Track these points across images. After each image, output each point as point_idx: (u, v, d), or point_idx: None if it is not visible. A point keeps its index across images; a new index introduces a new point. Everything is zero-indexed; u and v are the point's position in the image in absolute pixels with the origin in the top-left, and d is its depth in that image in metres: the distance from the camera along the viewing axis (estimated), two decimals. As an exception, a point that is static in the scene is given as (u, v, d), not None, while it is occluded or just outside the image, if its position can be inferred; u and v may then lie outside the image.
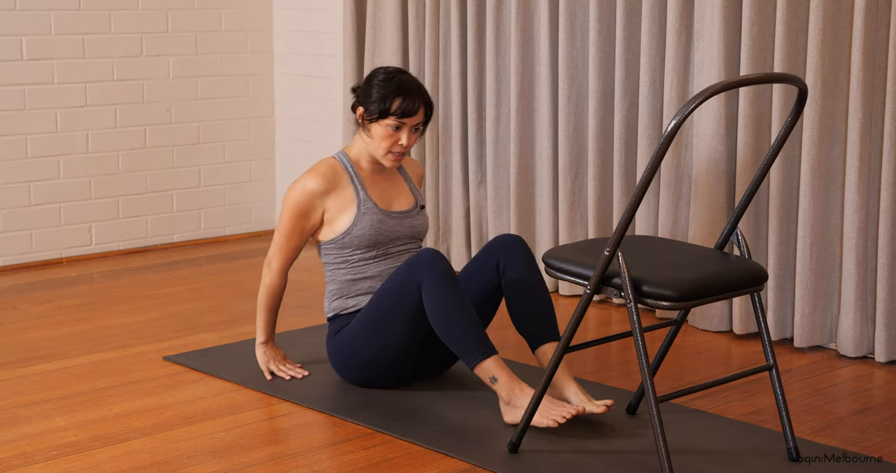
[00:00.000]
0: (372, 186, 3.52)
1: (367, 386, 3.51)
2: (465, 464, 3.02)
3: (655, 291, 2.80)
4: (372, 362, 3.44)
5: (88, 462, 3.03)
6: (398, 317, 3.35)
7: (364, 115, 3.45)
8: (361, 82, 3.53)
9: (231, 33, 5.59)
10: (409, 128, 3.42)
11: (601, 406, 3.18)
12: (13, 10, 4.95)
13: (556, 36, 4.50)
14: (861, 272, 3.80)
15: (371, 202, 3.48)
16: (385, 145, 3.43)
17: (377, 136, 3.44)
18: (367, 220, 3.46)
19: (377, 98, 3.40)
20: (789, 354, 3.94)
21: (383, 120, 3.41)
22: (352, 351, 3.46)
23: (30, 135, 5.06)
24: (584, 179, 4.53)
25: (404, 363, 3.46)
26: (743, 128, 3.98)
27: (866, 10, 3.64)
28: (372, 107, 3.41)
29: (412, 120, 3.42)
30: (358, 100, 3.48)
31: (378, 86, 3.42)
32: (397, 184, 3.59)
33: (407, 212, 3.56)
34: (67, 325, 4.26)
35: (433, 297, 3.25)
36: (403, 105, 3.39)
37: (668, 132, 2.65)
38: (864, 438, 3.21)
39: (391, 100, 3.39)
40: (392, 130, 3.41)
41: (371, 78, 3.47)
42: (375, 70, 3.49)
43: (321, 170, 3.48)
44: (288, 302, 4.64)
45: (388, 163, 3.47)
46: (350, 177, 3.49)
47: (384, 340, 3.39)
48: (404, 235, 3.54)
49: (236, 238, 5.74)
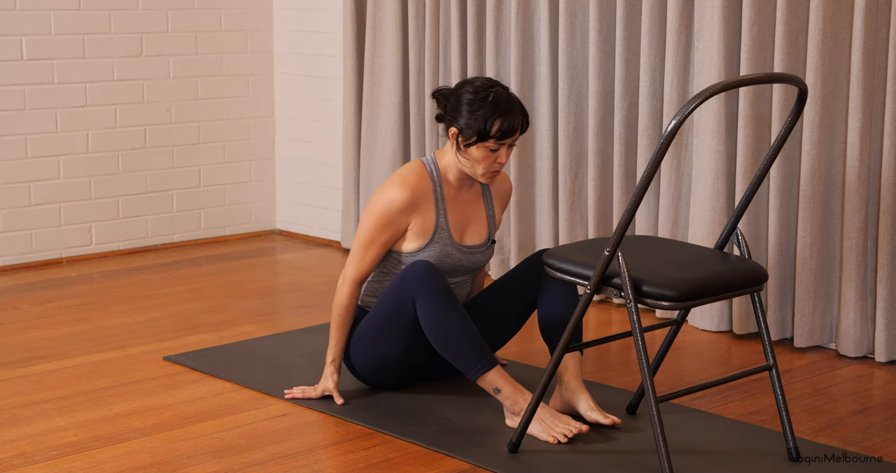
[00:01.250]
0: (452, 208, 3.37)
1: (375, 387, 3.50)
2: (465, 464, 3.02)
3: (655, 291, 2.80)
4: (376, 366, 3.42)
5: (88, 462, 3.03)
6: (395, 331, 3.31)
7: (459, 138, 3.25)
8: (444, 88, 3.32)
9: (231, 33, 5.59)
10: (507, 145, 3.26)
11: (609, 419, 3.18)
12: (13, 10, 4.95)
13: (556, 36, 4.50)
14: (861, 272, 3.80)
15: (447, 231, 3.35)
16: (483, 166, 3.27)
17: (474, 158, 3.26)
18: (437, 250, 3.34)
19: (474, 121, 3.20)
20: (789, 354, 3.94)
21: (482, 143, 3.23)
22: (357, 353, 3.44)
23: (30, 135, 5.06)
24: (584, 179, 4.53)
25: (408, 370, 3.44)
26: (743, 128, 3.98)
27: (866, 10, 3.64)
28: (469, 131, 3.21)
29: (512, 138, 3.25)
30: (448, 118, 3.28)
31: (473, 108, 3.21)
32: (477, 211, 3.44)
33: (477, 247, 3.42)
34: (67, 325, 4.26)
35: (428, 313, 3.19)
36: (504, 126, 3.19)
37: (668, 132, 2.65)
38: (864, 438, 3.21)
39: (491, 124, 3.19)
40: (490, 152, 3.25)
41: (460, 94, 3.24)
42: (462, 84, 3.27)
43: (411, 184, 3.30)
44: (288, 301, 4.65)
45: (485, 180, 3.32)
46: (435, 196, 3.34)
47: (383, 350, 3.37)
48: (465, 269, 3.43)
49: (236, 238, 5.74)
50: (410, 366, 3.43)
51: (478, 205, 3.46)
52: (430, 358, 3.44)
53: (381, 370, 3.42)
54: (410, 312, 3.25)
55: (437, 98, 3.34)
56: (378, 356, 3.39)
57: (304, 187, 5.73)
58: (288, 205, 5.83)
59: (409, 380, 3.50)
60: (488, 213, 3.47)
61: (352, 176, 5.28)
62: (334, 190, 5.55)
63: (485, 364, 3.18)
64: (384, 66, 5.09)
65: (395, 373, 3.44)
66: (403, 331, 3.30)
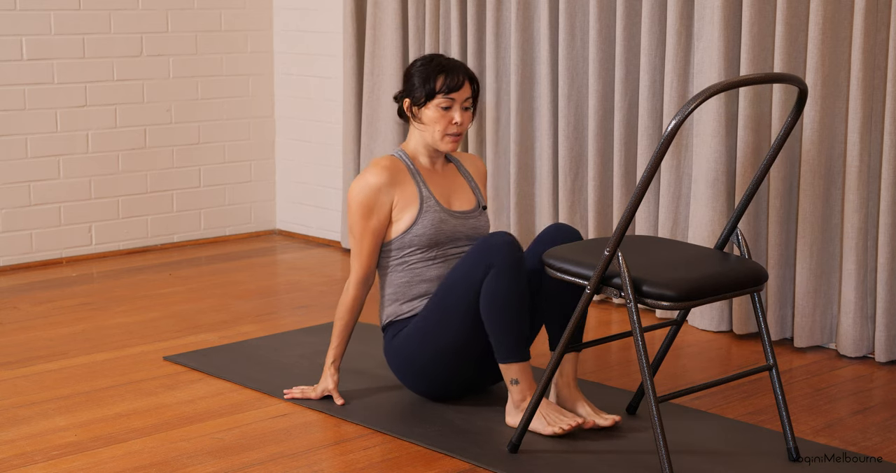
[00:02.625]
0: (433, 183, 3.43)
1: (430, 394, 3.41)
2: (465, 464, 3.02)
3: (655, 291, 2.80)
4: (432, 364, 3.33)
5: (88, 462, 3.03)
6: (465, 308, 3.22)
7: (411, 105, 3.36)
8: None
9: (231, 33, 5.59)
10: (459, 105, 3.34)
11: (609, 420, 3.19)
12: (13, 10, 4.95)
13: (556, 36, 4.50)
14: (861, 272, 3.80)
15: (433, 199, 3.38)
16: (440, 128, 3.34)
17: (430, 121, 3.35)
18: (429, 219, 3.36)
19: (420, 82, 3.34)
20: (789, 354, 3.94)
21: (431, 101, 3.33)
22: (409, 355, 3.35)
23: (30, 135, 5.06)
24: (584, 179, 4.53)
25: (466, 363, 3.33)
26: (743, 128, 3.98)
27: (866, 10, 3.64)
28: (417, 92, 3.33)
29: (460, 94, 3.34)
30: (403, 95, 3.40)
31: (418, 72, 3.35)
32: (458, 183, 3.50)
33: (469, 213, 3.45)
34: (67, 325, 4.26)
35: (498, 282, 3.15)
36: (448, 80, 3.32)
37: (668, 132, 2.65)
38: (864, 438, 3.21)
39: (434, 80, 3.32)
40: (443, 111, 3.33)
41: (409, 70, 3.40)
42: (411, 62, 3.45)
43: (382, 165, 3.36)
44: (288, 301, 4.64)
45: (446, 146, 3.37)
46: (411, 172, 3.40)
47: (446, 337, 3.27)
48: (465, 236, 3.43)
49: (236, 238, 5.74)
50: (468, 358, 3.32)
51: (456, 177, 3.51)
52: (483, 358, 3.35)
53: (439, 366, 3.32)
54: (478, 284, 3.19)
55: (395, 97, 3.45)
56: (440, 348, 3.28)
57: (304, 187, 5.73)
58: (288, 205, 5.83)
59: (463, 380, 3.39)
60: (471, 184, 3.51)
61: (352, 176, 5.28)
62: (334, 190, 5.55)
63: (521, 354, 3.19)
64: (384, 66, 5.09)
65: (456, 367, 3.33)
66: (468, 310, 3.22)
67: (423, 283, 3.38)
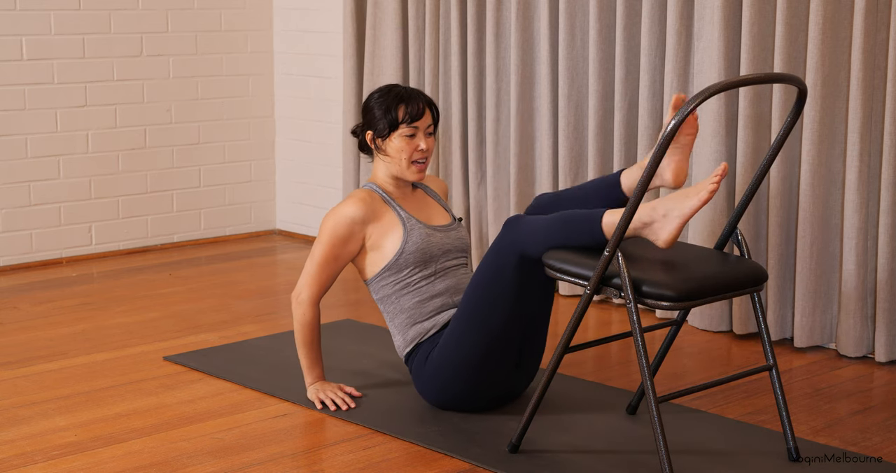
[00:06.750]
0: (409, 207, 3.46)
1: (468, 404, 3.34)
2: (465, 464, 3.02)
3: (655, 291, 2.80)
4: (474, 368, 3.24)
5: (88, 462, 3.03)
6: (500, 297, 3.16)
7: (375, 137, 3.40)
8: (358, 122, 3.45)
9: (231, 33, 5.59)
10: (422, 131, 3.39)
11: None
12: (13, 10, 4.95)
13: (556, 36, 4.50)
14: (861, 272, 3.80)
15: (414, 219, 3.41)
16: (405, 156, 3.38)
17: (395, 151, 3.39)
18: (416, 235, 3.38)
19: (381, 114, 3.37)
20: (789, 354, 3.94)
21: (395, 131, 3.37)
22: (449, 365, 3.27)
23: (30, 135, 5.06)
24: (583, 179, 4.52)
25: (507, 357, 3.27)
26: (743, 128, 3.98)
27: (866, 10, 3.64)
28: (380, 124, 3.37)
29: (422, 122, 3.38)
30: (364, 128, 3.44)
31: (378, 104, 3.39)
32: (428, 202, 3.54)
33: (449, 226, 3.50)
34: (67, 325, 4.26)
35: (533, 226, 3.10)
36: (409, 109, 3.36)
37: (668, 132, 2.65)
38: (864, 438, 3.21)
39: (395, 110, 3.36)
40: (407, 139, 3.38)
41: (367, 103, 3.44)
42: (368, 95, 3.47)
43: (360, 197, 3.39)
44: (288, 301, 4.64)
45: (413, 175, 3.41)
46: (386, 201, 3.43)
47: (487, 328, 3.19)
48: (454, 247, 3.46)
49: (236, 238, 5.74)
50: (509, 352, 3.27)
51: (426, 198, 3.56)
52: (520, 359, 3.33)
53: (480, 368, 3.25)
54: (511, 269, 3.13)
55: (353, 131, 3.51)
56: (483, 347, 3.21)
57: (304, 187, 5.73)
58: (288, 205, 5.83)
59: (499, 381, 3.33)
60: (440, 203, 3.58)
61: (352, 176, 5.28)
62: (334, 190, 5.55)
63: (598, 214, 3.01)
64: (384, 66, 5.09)
65: (496, 364, 3.26)
66: (511, 293, 3.16)
67: (436, 298, 3.38)
